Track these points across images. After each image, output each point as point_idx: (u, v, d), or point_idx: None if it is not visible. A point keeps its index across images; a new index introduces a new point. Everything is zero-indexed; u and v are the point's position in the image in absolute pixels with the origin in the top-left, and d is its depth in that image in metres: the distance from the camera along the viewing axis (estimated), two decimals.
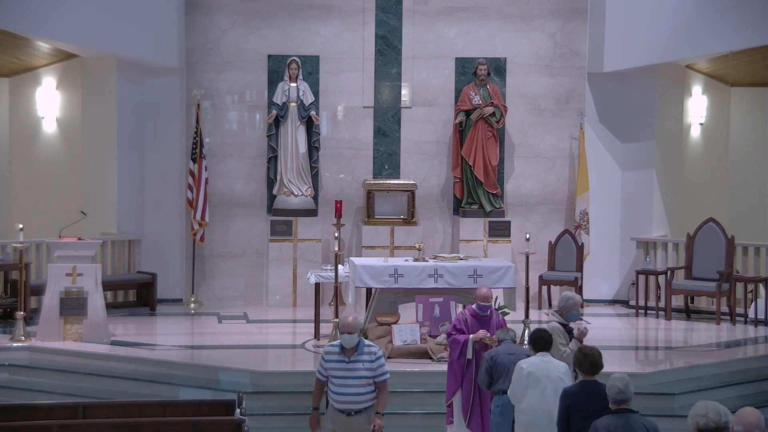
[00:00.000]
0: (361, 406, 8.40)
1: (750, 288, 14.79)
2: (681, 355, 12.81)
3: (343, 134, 16.13)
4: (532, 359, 8.44)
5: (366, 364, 8.39)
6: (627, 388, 6.85)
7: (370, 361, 8.39)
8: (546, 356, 8.41)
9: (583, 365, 7.61)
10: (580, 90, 16.17)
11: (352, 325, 8.38)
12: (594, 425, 6.78)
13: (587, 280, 15.79)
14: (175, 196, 15.93)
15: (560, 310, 9.56)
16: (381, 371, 8.42)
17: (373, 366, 8.39)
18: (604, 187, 16.17)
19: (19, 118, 16.52)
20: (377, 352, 8.45)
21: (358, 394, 8.37)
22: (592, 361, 7.58)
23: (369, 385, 8.40)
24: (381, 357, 8.46)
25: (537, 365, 8.32)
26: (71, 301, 12.88)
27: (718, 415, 5.95)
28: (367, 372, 8.38)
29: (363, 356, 8.40)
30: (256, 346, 12.89)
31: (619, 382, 6.85)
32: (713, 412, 5.96)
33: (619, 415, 6.81)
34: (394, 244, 15.55)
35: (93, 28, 14.62)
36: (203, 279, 15.97)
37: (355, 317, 8.50)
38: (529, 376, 8.28)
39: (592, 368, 7.57)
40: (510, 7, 16.08)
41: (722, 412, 5.97)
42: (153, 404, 9.51)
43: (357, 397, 8.38)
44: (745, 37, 14.32)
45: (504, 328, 9.61)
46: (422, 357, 11.91)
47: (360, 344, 8.44)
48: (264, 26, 15.99)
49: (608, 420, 6.78)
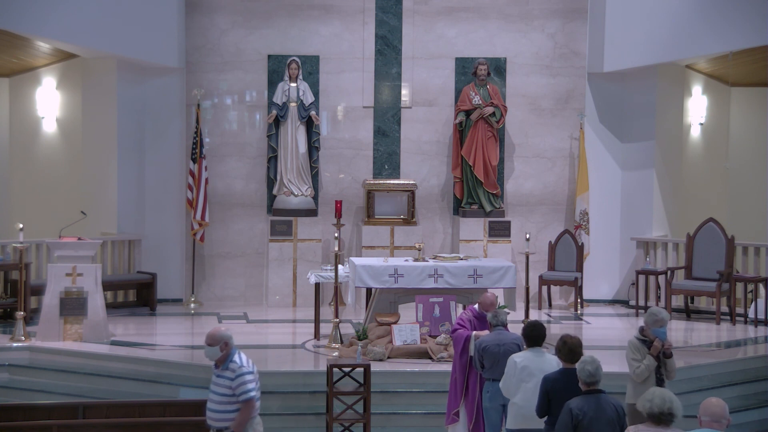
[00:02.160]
0: (220, 424, 7.78)
1: (750, 288, 14.80)
2: (681, 355, 12.79)
3: (343, 134, 16.13)
4: (526, 353, 8.59)
5: (226, 380, 7.76)
6: (597, 371, 7.28)
7: (230, 379, 7.73)
8: (539, 351, 8.56)
9: (562, 352, 7.91)
10: (580, 90, 16.17)
11: (212, 337, 7.78)
12: (567, 405, 7.23)
13: (587, 280, 15.79)
14: (175, 196, 15.93)
15: (645, 325, 8.96)
16: (242, 390, 7.71)
17: (233, 384, 7.72)
18: (604, 187, 16.17)
19: (19, 118, 16.52)
20: (241, 370, 7.73)
21: (214, 410, 7.80)
22: (571, 348, 7.86)
23: (230, 403, 7.75)
24: (245, 375, 7.72)
25: (531, 359, 8.49)
26: (71, 301, 12.88)
27: (663, 401, 6.37)
28: (227, 390, 7.74)
29: (227, 372, 7.77)
30: (256, 346, 12.89)
31: (589, 366, 7.29)
32: (659, 398, 6.40)
33: (589, 396, 7.26)
34: (394, 244, 15.55)
35: (93, 28, 14.62)
36: (203, 279, 15.97)
37: (219, 329, 7.88)
38: (523, 370, 8.44)
39: (571, 355, 7.84)
40: (510, 7, 16.08)
41: (667, 399, 6.39)
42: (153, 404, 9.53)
43: (213, 413, 7.80)
44: (745, 37, 14.32)
45: (494, 311, 9.51)
46: (422, 357, 11.91)
47: (229, 358, 7.80)
48: (264, 26, 15.99)
49: (580, 400, 7.23)
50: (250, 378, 7.75)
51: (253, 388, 7.77)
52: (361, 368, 10.45)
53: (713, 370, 11.95)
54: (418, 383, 11.42)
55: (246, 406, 7.73)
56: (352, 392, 10.45)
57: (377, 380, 10.95)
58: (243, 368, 7.74)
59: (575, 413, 7.15)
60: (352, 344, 12.22)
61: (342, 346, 12.34)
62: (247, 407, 7.74)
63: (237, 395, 7.72)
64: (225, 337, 7.80)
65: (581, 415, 7.14)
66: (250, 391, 7.73)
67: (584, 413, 7.15)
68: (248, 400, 7.73)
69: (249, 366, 7.82)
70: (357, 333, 12.42)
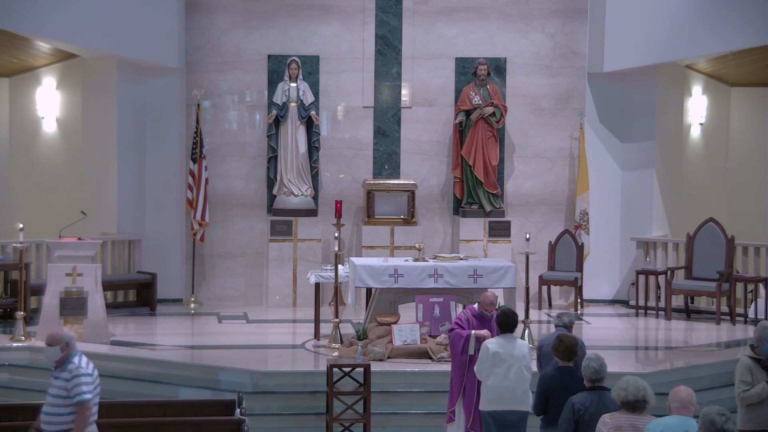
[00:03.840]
0: (51, 428, 7.44)
1: (750, 288, 14.80)
2: (681, 355, 12.81)
3: (343, 134, 16.12)
4: (498, 339, 9.14)
5: (62, 382, 7.46)
6: (602, 368, 7.46)
7: (66, 380, 7.43)
8: (510, 337, 9.09)
9: (558, 350, 8.16)
10: (580, 90, 16.16)
11: (53, 337, 7.53)
12: (570, 401, 7.41)
13: (587, 280, 15.79)
14: (175, 196, 15.93)
15: (756, 341, 8.21)
16: (76, 391, 7.40)
17: (68, 386, 7.42)
18: (604, 187, 16.17)
19: (19, 118, 16.52)
20: (78, 371, 7.45)
21: (46, 413, 7.49)
22: (568, 346, 8.12)
23: (63, 406, 7.43)
24: (81, 376, 7.43)
25: (502, 345, 9.04)
26: (71, 301, 12.88)
27: (637, 389, 6.74)
28: (61, 391, 7.44)
29: (64, 373, 7.48)
30: (256, 346, 12.90)
31: (594, 363, 7.46)
32: (633, 386, 6.75)
33: (593, 392, 7.43)
34: (394, 244, 15.54)
35: (93, 28, 14.62)
36: (203, 279, 15.97)
37: (61, 329, 7.67)
38: (494, 355, 9.01)
39: (568, 354, 8.12)
40: (510, 7, 16.08)
41: (641, 387, 6.75)
42: (153, 404, 9.51)
43: (45, 416, 7.48)
44: (745, 37, 14.33)
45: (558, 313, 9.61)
46: (422, 357, 11.90)
47: (68, 359, 7.52)
48: (264, 26, 15.99)
49: (583, 396, 7.41)
50: (86, 380, 7.47)
51: (88, 391, 7.48)
52: (361, 368, 10.46)
53: (713, 370, 11.94)
54: (418, 383, 11.42)
55: (80, 408, 7.43)
56: (352, 392, 10.45)
57: (377, 380, 10.95)
58: (80, 369, 7.47)
59: (577, 408, 7.32)
60: (352, 344, 12.22)
61: (342, 346, 12.34)
62: (81, 410, 7.43)
63: (71, 397, 7.43)
64: (66, 337, 7.56)
65: (583, 410, 7.30)
66: (84, 393, 7.43)
67: (586, 408, 7.30)
68: (82, 402, 7.42)
69: (88, 368, 7.56)
70: (357, 333, 12.42)
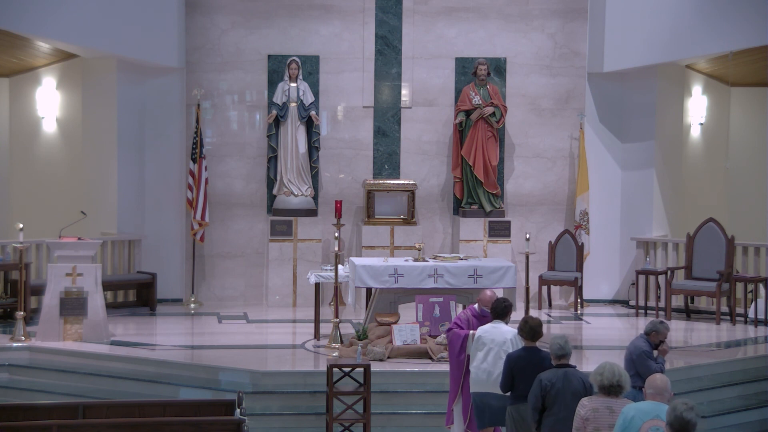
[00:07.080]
0: None
1: (750, 288, 14.80)
2: (681, 355, 12.80)
3: (343, 134, 16.12)
4: (486, 325, 9.47)
5: None
6: (567, 345, 7.91)
7: None
8: (497, 323, 9.39)
9: (524, 331, 8.62)
10: (580, 90, 16.16)
11: None
12: (538, 377, 7.87)
13: (587, 280, 15.79)
14: (175, 196, 15.93)
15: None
16: None
17: None
18: (604, 187, 16.17)
19: (19, 118, 16.52)
20: None
21: None
22: (532, 327, 8.57)
23: None
24: None
25: (487, 331, 9.38)
26: (71, 301, 12.88)
27: (612, 374, 7.05)
28: None
29: None
30: (256, 346, 12.90)
31: (560, 340, 7.93)
32: (609, 371, 7.07)
33: (559, 369, 7.89)
34: (394, 244, 15.55)
35: (93, 28, 14.61)
36: (203, 279, 15.97)
37: None
38: (477, 340, 9.38)
39: (532, 334, 8.57)
40: (510, 7, 16.08)
41: (616, 372, 7.06)
42: (153, 404, 9.51)
43: None
44: (745, 37, 14.32)
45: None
46: (422, 357, 11.91)
47: None
48: (264, 26, 15.99)
49: (551, 373, 7.87)
50: None
51: None
52: (361, 368, 10.45)
53: (713, 370, 11.94)
54: (418, 383, 11.42)
55: None
56: (352, 392, 10.45)
57: (377, 380, 10.95)
58: None
59: (544, 384, 7.78)
60: (352, 344, 12.22)
61: (342, 346, 12.35)
62: None
63: None
64: None
65: (550, 385, 7.76)
66: None
67: (552, 384, 7.76)
68: None
69: None
70: (357, 333, 12.42)
